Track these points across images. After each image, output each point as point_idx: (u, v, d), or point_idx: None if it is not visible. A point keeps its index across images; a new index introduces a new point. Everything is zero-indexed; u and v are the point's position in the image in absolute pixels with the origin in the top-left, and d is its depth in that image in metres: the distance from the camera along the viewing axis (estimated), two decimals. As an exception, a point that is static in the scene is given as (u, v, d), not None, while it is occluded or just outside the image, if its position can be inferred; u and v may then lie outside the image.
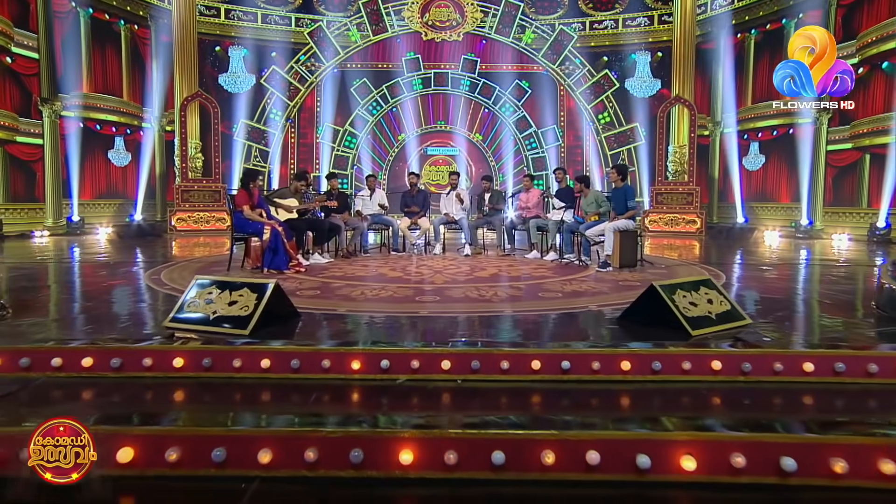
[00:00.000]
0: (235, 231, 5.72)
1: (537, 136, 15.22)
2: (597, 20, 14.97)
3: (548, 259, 6.75)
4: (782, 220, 11.85)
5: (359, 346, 2.40)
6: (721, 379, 2.37)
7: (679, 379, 2.35)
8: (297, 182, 6.61)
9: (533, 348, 2.39)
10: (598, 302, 4.12)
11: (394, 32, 14.89)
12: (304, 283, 4.91)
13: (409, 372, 2.29)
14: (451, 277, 5.31)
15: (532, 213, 7.33)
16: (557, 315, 3.75)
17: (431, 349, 2.36)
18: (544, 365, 2.27)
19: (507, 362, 2.28)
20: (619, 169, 6.46)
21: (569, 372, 2.28)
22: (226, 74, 14.29)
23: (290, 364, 2.30)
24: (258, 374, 2.33)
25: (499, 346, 2.42)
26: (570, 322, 3.62)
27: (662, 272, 5.76)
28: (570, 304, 4.06)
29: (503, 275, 5.57)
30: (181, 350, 2.50)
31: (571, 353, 2.35)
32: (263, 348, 2.41)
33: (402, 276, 5.40)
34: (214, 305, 3.21)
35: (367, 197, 7.50)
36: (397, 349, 2.37)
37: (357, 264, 6.33)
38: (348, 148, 15.12)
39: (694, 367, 2.31)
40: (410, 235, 7.54)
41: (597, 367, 2.29)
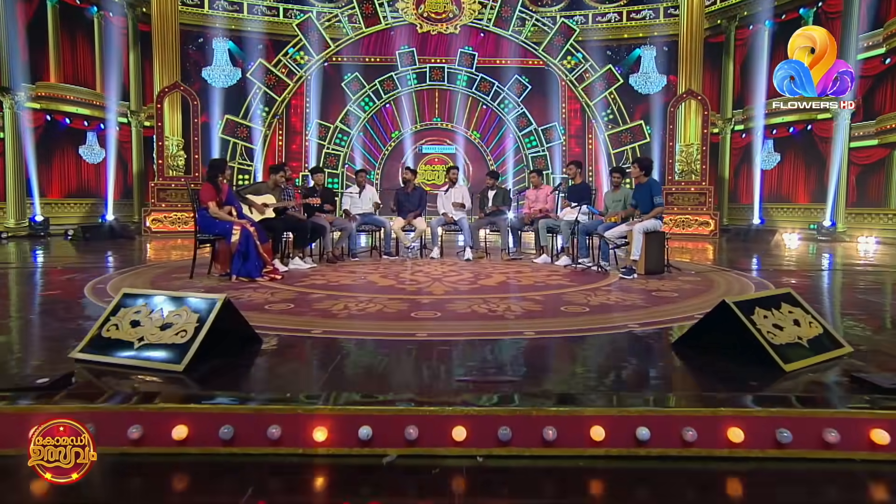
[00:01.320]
0: (200, 232, 4.90)
1: (538, 134, 14.48)
2: (600, 13, 14.27)
3: (560, 264, 5.97)
4: (800, 222, 11.15)
5: (326, 405, 1.60)
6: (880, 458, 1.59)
7: (816, 457, 1.58)
8: (274, 175, 5.80)
9: (591, 406, 1.60)
10: (635, 318, 3.34)
11: (387, 24, 14.12)
12: (277, 294, 4.10)
13: (404, 444, 1.50)
14: (452, 287, 4.52)
15: (541, 213, 6.56)
16: (591, 338, 2.97)
17: (436, 410, 1.56)
18: (611, 433, 1.49)
19: (554, 429, 1.49)
20: (641, 163, 5.69)
21: (648, 444, 1.50)
22: (209, 68, 13.50)
23: (218, 433, 1.50)
24: (167, 450, 1.53)
25: (539, 403, 1.62)
26: (613, 350, 2.83)
27: (696, 280, 4.99)
28: (602, 322, 3.28)
29: (512, 283, 4.78)
30: (45, 411, 1.66)
31: (652, 413, 1.56)
32: (175, 408, 1.60)
33: (394, 285, 4.60)
34: (142, 329, 2.40)
35: (356, 194, 6.69)
36: (385, 409, 1.58)
37: (343, 270, 5.53)
38: (339, 146, 14.31)
39: (843, 439, 1.53)
40: (405, 238, 6.73)
41: (691, 438, 1.50)
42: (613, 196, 5.88)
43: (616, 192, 5.85)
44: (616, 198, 5.82)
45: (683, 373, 2.46)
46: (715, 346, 2.56)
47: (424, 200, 6.86)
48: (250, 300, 3.87)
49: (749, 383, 2.16)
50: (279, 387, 2.23)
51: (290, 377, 2.38)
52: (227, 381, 2.22)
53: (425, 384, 2.21)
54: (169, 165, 11.87)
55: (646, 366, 2.57)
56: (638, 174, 5.63)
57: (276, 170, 5.91)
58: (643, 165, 5.66)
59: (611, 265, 5.66)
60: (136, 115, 12.65)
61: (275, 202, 5.56)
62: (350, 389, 2.07)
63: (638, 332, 3.04)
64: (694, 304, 3.82)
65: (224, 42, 13.63)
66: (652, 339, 2.94)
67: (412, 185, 6.93)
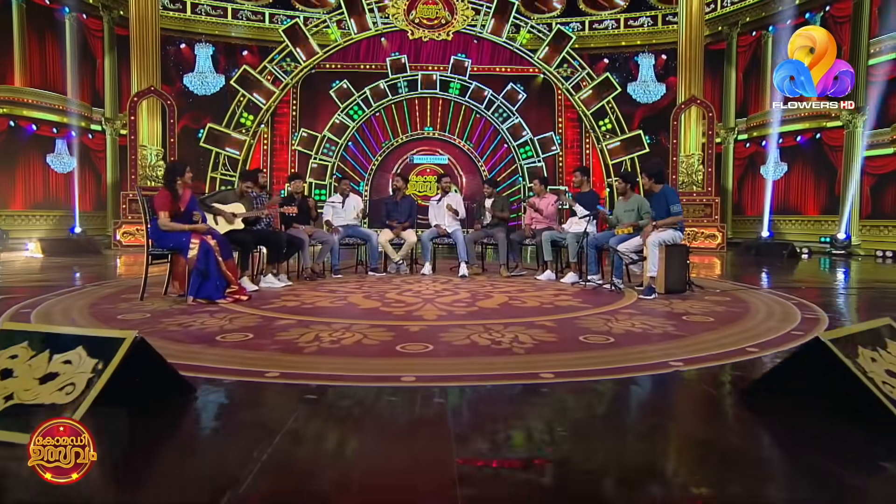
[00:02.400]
0: (153, 246, 4.22)
1: (533, 144, 13.95)
2: (597, 19, 13.86)
3: (566, 281, 5.33)
4: (809, 235, 10.62)
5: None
6: None
7: None
8: (243, 183, 5.15)
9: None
10: (675, 353, 2.69)
11: (377, 31, 13.60)
12: (237, 321, 3.41)
13: None
14: (446, 310, 3.86)
15: (544, 224, 5.94)
16: (628, 381, 2.31)
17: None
18: None
19: None
20: (649, 171, 5.09)
21: None
22: (191, 74, 12.89)
23: None
24: None
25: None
26: (662, 402, 2.18)
27: (726, 301, 4.36)
28: (635, 358, 2.63)
29: (517, 305, 4.13)
30: None
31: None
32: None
33: (379, 308, 3.93)
34: (13, 383, 1.72)
35: (338, 204, 6.03)
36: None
37: (323, 289, 4.85)
38: (327, 156, 13.68)
39: None
40: (393, 252, 6.07)
41: None
42: (624, 206, 5.27)
43: (626, 202, 5.25)
44: (627, 207, 5.21)
45: (780, 443, 1.80)
46: (803, 392, 1.93)
47: (414, 210, 6.21)
48: (202, 328, 3.19)
49: (879, 463, 1.51)
50: (186, 485, 1.52)
51: (210, 464, 1.65)
52: (115, 476, 1.53)
53: (409, 471, 1.54)
54: (147, 176, 11.17)
55: (722, 431, 1.88)
56: (648, 183, 5.03)
57: (248, 177, 5.26)
58: (651, 173, 5.06)
59: (624, 283, 5.03)
60: (111, 123, 11.96)
61: (243, 212, 4.90)
62: (289, 493, 1.39)
63: (685, 371, 2.39)
64: (737, 332, 3.18)
65: (207, 48, 13.05)
66: (707, 382, 2.29)
67: (402, 193, 6.29)
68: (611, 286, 4.77)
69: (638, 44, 13.68)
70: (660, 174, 5.01)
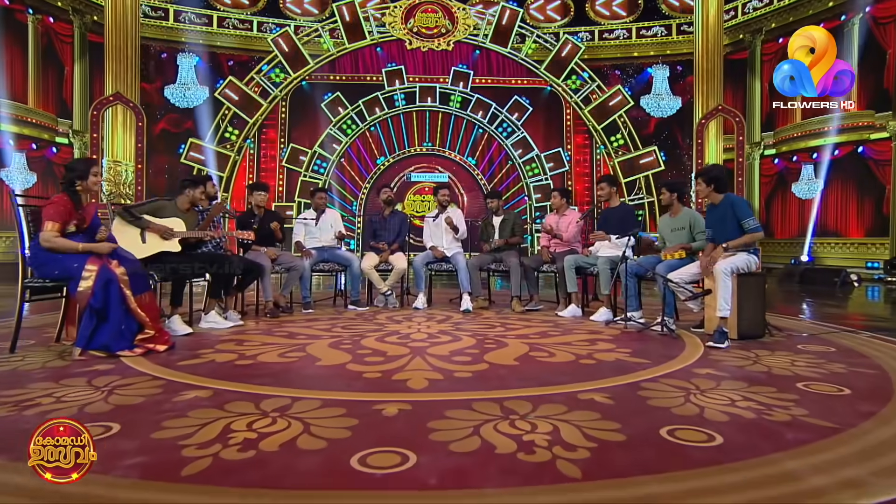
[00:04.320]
0: (34, 274, 3.06)
1: (539, 161, 12.90)
2: (607, 29, 12.97)
3: (598, 320, 4.15)
4: (852, 259, 9.47)
5: None
6: None
7: None
8: (194, 190, 4.01)
9: None
10: (834, 472, 1.50)
11: (373, 40, 12.72)
12: (122, 392, 2.22)
13: None
14: (442, 368, 2.66)
15: (565, 248, 4.78)
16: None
17: None
18: None
19: None
20: (707, 175, 3.86)
21: None
22: (173, 86, 11.95)
23: None
24: None
25: None
26: None
27: (834, 354, 3.17)
28: (781, 486, 1.44)
29: (542, 359, 2.94)
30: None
31: None
32: None
33: (346, 366, 2.74)
34: None
35: (311, 221, 4.87)
36: None
37: (281, 331, 3.67)
38: (317, 173, 12.62)
39: None
40: (379, 280, 4.89)
41: None
42: (671, 223, 4.11)
43: (675, 217, 4.10)
44: (676, 224, 4.06)
45: None
46: None
47: (405, 229, 5.05)
48: (45, 411, 2.00)
49: None
50: None
51: None
52: None
53: None
54: (122, 194, 10.09)
55: None
56: (706, 191, 3.83)
57: (194, 184, 4.13)
58: (710, 177, 3.83)
59: (674, 321, 3.84)
60: (79, 136, 10.94)
61: (183, 229, 3.75)
62: None
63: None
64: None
65: (191, 58, 12.14)
66: None
67: (392, 209, 5.14)
68: (662, 328, 3.59)
69: (651, 54, 12.76)
70: (720, 180, 3.81)
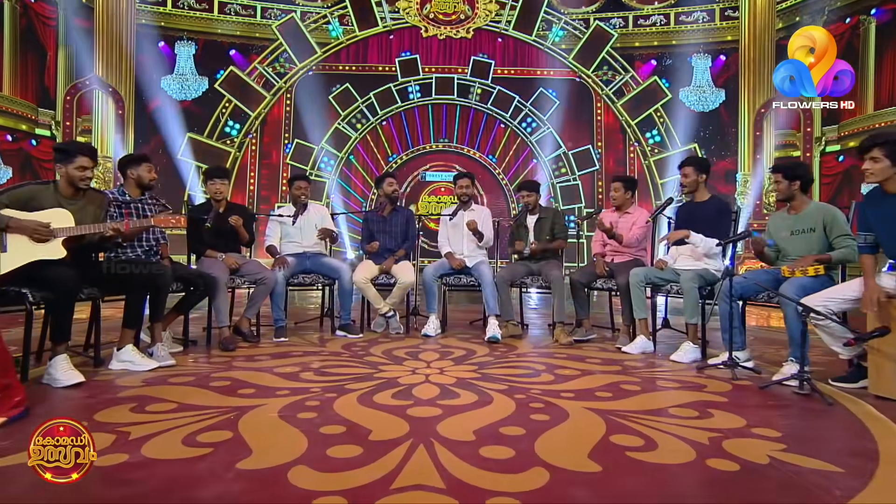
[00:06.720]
0: None
1: (566, 160, 11.73)
2: (642, 14, 11.77)
3: (682, 361, 2.96)
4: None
5: None
6: None
7: None
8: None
9: None
10: None
11: (385, 27, 11.74)
12: None
13: None
14: (465, 476, 1.51)
15: (627, 256, 3.61)
16: None
17: None
18: None
19: None
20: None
21: None
22: (170, 77, 11.11)
23: None
24: None
25: None
26: None
27: None
28: None
29: (633, 449, 1.77)
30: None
31: None
32: None
33: (290, 472, 1.60)
34: None
35: (287, 219, 3.75)
36: None
37: (222, 377, 2.56)
38: (325, 171, 11.63)
39: None
40: (377, 298, 3.76)
41: None
42: (791, 221, 2.90)
43: (797, 214, 2.88)
44: (798, 226, 2.85)
45: None
46: None
47: (413, 229, 3.88)
48: None
49: None
50: None
51: None
52: None
53: None
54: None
55: None
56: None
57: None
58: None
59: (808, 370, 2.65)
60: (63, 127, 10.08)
61: (71, 224, 2.60)
62: None
63: None
64: None
65: (189, 47, 11.27)
66: None
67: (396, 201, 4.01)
68: (800, 384, 2.38)
69: (692, 42, 11.52)
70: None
